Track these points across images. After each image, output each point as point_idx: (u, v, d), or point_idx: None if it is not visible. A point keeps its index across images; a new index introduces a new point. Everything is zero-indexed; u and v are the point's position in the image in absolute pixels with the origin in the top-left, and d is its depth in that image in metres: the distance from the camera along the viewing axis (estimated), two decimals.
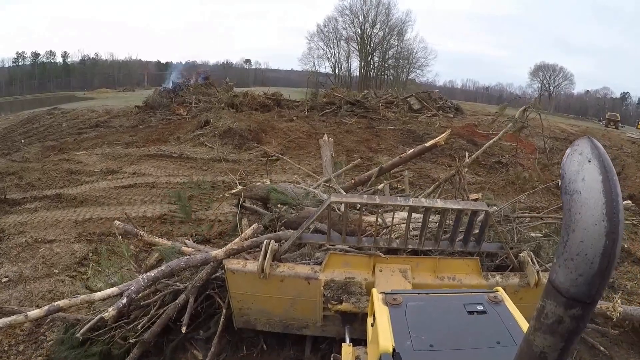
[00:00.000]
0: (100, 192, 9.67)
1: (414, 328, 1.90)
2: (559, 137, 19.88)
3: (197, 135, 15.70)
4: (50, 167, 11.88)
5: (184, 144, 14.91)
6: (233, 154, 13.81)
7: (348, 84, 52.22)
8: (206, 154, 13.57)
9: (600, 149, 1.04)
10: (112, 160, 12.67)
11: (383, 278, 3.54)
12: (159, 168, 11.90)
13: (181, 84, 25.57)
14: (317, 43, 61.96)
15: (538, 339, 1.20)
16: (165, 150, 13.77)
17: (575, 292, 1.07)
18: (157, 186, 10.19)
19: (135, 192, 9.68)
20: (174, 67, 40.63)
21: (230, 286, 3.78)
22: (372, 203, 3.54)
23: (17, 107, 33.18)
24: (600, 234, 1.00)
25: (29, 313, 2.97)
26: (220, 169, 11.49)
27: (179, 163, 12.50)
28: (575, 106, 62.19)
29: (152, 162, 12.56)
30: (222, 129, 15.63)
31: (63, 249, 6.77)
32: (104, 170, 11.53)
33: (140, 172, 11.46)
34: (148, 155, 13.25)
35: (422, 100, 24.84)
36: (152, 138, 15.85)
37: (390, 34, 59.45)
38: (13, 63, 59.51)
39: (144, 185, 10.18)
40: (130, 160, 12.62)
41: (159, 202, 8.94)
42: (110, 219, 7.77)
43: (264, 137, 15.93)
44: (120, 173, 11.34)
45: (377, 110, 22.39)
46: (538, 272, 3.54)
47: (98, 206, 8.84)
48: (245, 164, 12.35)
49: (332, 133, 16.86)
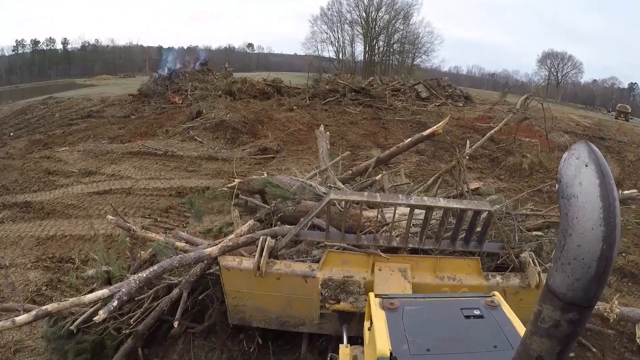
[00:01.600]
0: (72, 200, 9.20)
1: (410, 332, 1.93)
2: (575, 131, 19.02)
3: (187, 128, 14.97)
4: (31, 165, 11.64)
5: (172, 138, 14.21)
6: (224, 150, 13.08)
7: (352, 69, 50.94)
8: (194, 151, 12.84)
9: (597, 153, 1.06)
10: (92, 159, 12.13)
11: (382, 277, 3.55)
12: (140, 169, 11.20)
13: (177, 70, 24.75)
14: (320, 27, 60.68)
15: (535, 343, 1.22)
16: (149, 147, 13.04)
17: (572, 297, 1.10)
18: (133, 192, 9.55)
19: (109, 201, 9.03)
20: (170, 52, 38.54)
21: (225, 283, 3.80)
22: (373, 201, 3.54)
23: (18, 95, 33.28)
24: (597, 238, 1.02)
25: (16, 318, 2.98)
26: (208, 170, 10.93)
27: (163, 162, 11.73)
28: (582, 95, 61.48)
29: (134, 161, 11.90)
30: (215, 121, 14.92)
31: (18, 276, 6.41)
32: (82, 170, 11.06)
33: (118, 174, 10.83)
34: (131, 153, 12.52)
35: (431, 88, 23.81)
36: (140, 131, 15.26)
37: (396, 18, 58.01)
38: (12, 51, 59.59)
39: (119, 192, 9.61)
40: (112, 159, 12.01)
41: (132, 215, 8.20)
42: (75, 236, 7.48)
43: (260, 130, 15.19)
44: (98, 175, 10.80)
45: (384, 98, 21.38)
46: (539, 274, 3.56)
47: (65, 219, 8.37)
48: (236, 163, 11.50)
49: (335, 124, 16.45)
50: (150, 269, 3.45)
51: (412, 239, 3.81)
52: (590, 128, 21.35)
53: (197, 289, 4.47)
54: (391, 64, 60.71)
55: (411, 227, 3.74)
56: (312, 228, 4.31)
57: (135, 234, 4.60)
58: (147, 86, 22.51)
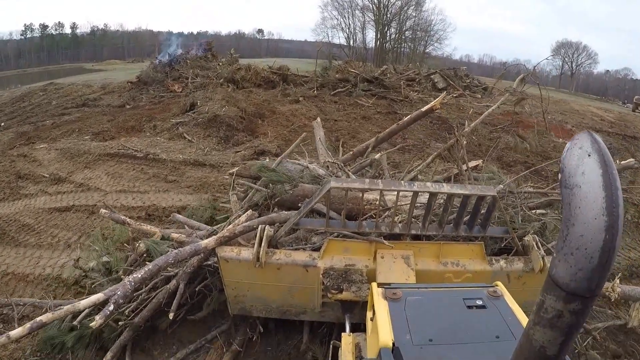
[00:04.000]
0: (30, 217, 7.93)
1: (413, 322, 1.96)
2: (602, 128, 17.73)
3: (176, 123, 13.54)
4: (6, 165, 10.59)
5: (160, 135, 12.85)
6: (215, 151, 11.53)
7: (363, 57, 50.74)
8: (180, 152, 11.24)
9: (600, 143, 1.06)
10: (68, 160, 10.80)
11: (385, 265, 3.56)
12: (113, 177, 9.71)
13: (178, 56, 23.34)
14: (330, 12, 60.08)
15: (538, 333, 1.24)
16: (129, 147, 11.40)
17: (575, 287, 1.11)
18: (97, 211, 7.47)
19: (67, 222, 7.73)
20: (172, 36, 36.26)
21: (224, 274, 3.81)
22: (374, 188, 3.51)
23: (27, 79, 33.01)
24: (600, 228, 1.03)
25: (11, 333, 2.99)
26: (191, 180, 9.37)
27: (141, 168, 10.16)
28: (594, 86, 61.08)
29: (109, 165, 10.43)
30: (208, 115, 13.42)
31: None
32: (52, 175, 9.77)
33: (88, 183, 9.41)
34: (108, 154, 10.96)
35: (448, 78, 22.73)
36: (128, 126, 13.94)
37: (409, 4, 57.56)
38: (21, 36, 59.60)
39: (82, 210, 8.13)
40: (87, 162, 10.59)
41: (87, 248, 6.19)
42: (17, 276, 6.13)
43: (260, 126, 13.87)
44: (67, 183, 9.45)
45: (399, 89, 19.85)
46: (543, 258, 3.58)
47: (14, 247, 6.96)
48: (226, 169, 9.36)
49: (346, 119, 15.23)
50: (145, 268, 3.45)
51: (415, 224, 3.80)
52: (616, 124, 20.36)
53: (197, 279, 4.54)
54: (403, 51, 60.23)
55: (413, 211, 3.72)
56: (312, 213, 4.28)
57: (131, 227, 4.60)
58: (146, 73, 21.59)
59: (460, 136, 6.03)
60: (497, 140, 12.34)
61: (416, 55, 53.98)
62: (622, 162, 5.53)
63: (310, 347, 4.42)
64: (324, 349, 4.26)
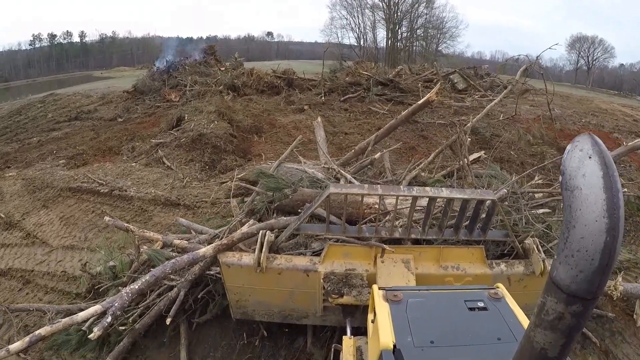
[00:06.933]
0: None
1: (414, 324, 1.95)
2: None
3: (155, 145, 11.47)
4: None
5: (136, 160, 10.91)
6: (196, 182, 9.39)
7: (375, 57, 49.17)
8: (153, 186, 9.12)
9: (601, 145, 1.06)
10: (29, 195, 9.10)
11: (385, 269, 3.56)
12: (66, 224, 7.81)
13: (176, 62, 21.51)
14: (339, 12, 58.61)
15: (539, 335, 1.23)
16: (94, 179, 9.38)
17: (575, 289, 1.10)
18: (32, 281, 6.14)
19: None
20: (170, 42, 32.65)
21: (226, 280, 3.82)
22: (373, 194, 3.52)
23: (36, 89, 32.37)
24: (600, 230, 1.03)
25: (10, 347, 3.03)
26: (158, 228, 7.19)
27: (101, 210, 8.16)
28: (609, 80, 60.01)
29: (67, 205, 8.54)
30: (192, 135, 11.28)
31: None
32: (7, 217, 8.09)
33: (36, 232, 7.57)
34: (70, 189, 9.07)
35: (468, 78, 20.53)
36: (106, 147, 12.16)
37: (419, 2, 55.89)
38: (30, 45, 59.91)
39: (17, 277, 6.29)
40: (46, 199, 8.85)
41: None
42: None
43: (256, 144, 12.00)
44: (16, 230, 7.69)
45: (416, 92, 17.15)
46: (544, 261, 3.58)
47: None
48: (203, 210, 7.85)
49: (358, 132, 13.16)
50: (143, 279, 3.46)
51: (415, 229, 3.81)
52: None
53: (200, 285, 4.54)
54: (415, 50, 58.99)
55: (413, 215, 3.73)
56: (312, 218, 4.28)
57: (134, 234, 4.62)
58: (142, 82, 19.84)
59: (462, 133, 6.04)
60: (538, 156, 10.88)
61: (429, 54, 52.74)
62: (629, 143, 5.47)
63: (312, 350, 4.40)
64: (325, 352, 4.26)
